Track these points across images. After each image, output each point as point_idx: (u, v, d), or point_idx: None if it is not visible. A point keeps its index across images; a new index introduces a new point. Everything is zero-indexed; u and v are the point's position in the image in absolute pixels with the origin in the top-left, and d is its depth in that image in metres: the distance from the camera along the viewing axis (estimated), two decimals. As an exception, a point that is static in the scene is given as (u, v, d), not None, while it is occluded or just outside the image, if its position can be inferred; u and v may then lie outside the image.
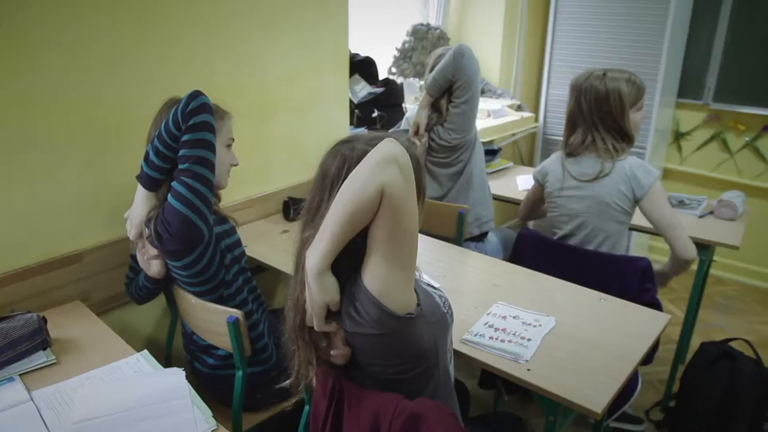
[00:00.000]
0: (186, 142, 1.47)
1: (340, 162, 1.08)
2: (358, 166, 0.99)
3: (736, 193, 2.47)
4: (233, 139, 1.69)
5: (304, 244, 1.09)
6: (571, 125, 2.05)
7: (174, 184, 1.48)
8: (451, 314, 1.24)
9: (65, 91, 1.64)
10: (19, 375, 1.34)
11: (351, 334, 1.09)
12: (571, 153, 2.04)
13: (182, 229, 1.46)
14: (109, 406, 1.22)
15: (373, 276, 1.02)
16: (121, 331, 1.60)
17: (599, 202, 1.98)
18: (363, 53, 2.96)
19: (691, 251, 1.94)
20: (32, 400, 1.26)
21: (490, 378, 2.11)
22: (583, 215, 2.02)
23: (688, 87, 3.59)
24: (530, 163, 3.91)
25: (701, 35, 3.46)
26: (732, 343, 2.25)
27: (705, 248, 2.26)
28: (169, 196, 1.48)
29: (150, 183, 1.53)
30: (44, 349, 1.42)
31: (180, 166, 1.48)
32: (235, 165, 1.70)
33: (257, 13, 2.09)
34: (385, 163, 0.96)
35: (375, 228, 1.00)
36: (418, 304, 1.09)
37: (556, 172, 2.08)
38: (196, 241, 1.51)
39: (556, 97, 3.69)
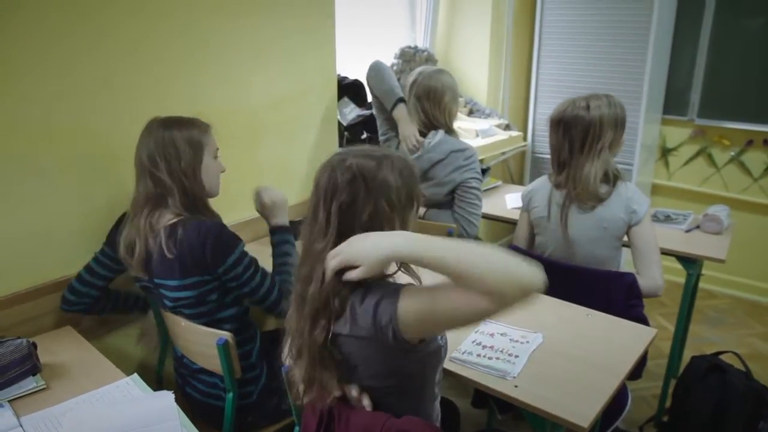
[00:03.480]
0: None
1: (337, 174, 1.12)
2: (508, 269, 0.97)
3: (720, 207, 2.50)
4: (218, 148, 1.70)
5: (318, 256, 1.12)
6: (562, 163, 1.96)
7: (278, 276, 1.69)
8: (446, 347, 1.24)
9: (54, 118, 1.66)
10: (9, 401, 1.34)
11: (346, 338, 1.11)
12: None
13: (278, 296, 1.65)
14: (97, 430, 1.22)
15: (412, 309, 1.05)
16: (112, 355, 1.60)
17: (596, 228, 1.95)
18: (351, 76, 3.00)
19: (662, 280, 1.90)
20: (21, 426, 1.26)
21: (483, 397, 2.11)
22: (576, 243, 1.98)
23: (673, 103, 3.65)
24: (520, 182, 3.95)
25: (684, 53, 3.53)
26: (722, 356, 2.26)
27: (692, 262, 2.28)
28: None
29: None
30: (34, 374, 1.43)
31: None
32: (223, 171, 1.71)
33: (244, 40, 2.13)
34: (527, 289, 0.97)
35: (452, 292, 1.01)
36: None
37: (543, 196, 2.04)
38: None
39: (544, 116, 3.74)
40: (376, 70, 2.45)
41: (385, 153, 1.17)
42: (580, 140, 1.90)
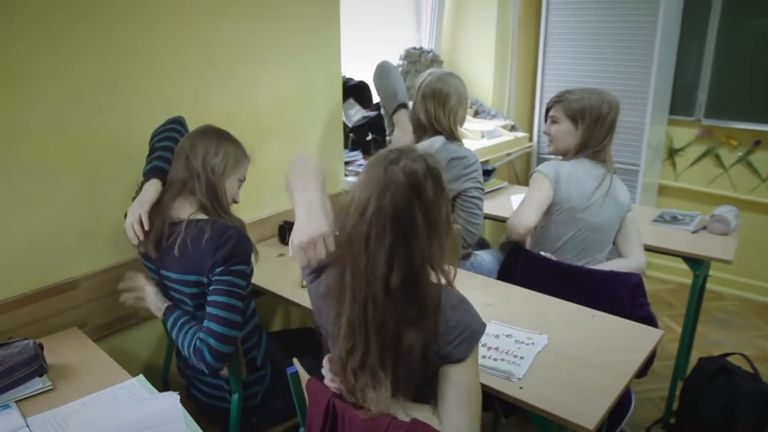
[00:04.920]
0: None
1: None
2: None
3: (728, 207, 2.49)
4: (245, 178, 1.73)
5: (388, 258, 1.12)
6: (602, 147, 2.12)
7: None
8: None
9: (60, 120, 1.67)
10: (15, 402, 1.35)
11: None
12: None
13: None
14: (103, 431, 1.23)
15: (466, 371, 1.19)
16: (118, 356, 1.60)
17: (617, 217, 2.09)
18: (357, 77, 3.00)
19: (645, 261, 2.09)
20: (28, 426, 1.27)
21: (488, 399, 2.10)
22: (601, 229, 2.08)
23: (680, 104, 3.63)
24: (525, 183, 3.94)
25: (690, 54, 3.52)
26: (730, 358, 2.25)
27: (699, 263, 2.27)
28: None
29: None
30: (41, 375, 1.43)
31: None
32: (236, 203, 1.72)
33: (248, 42, 2.13)
34: None
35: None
36: None
37: (582, 181, 2.04)
38: None
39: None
40: (382, 70, 2.45)
41: (412, 147, 1.20)
42: (615, 126, 2.11)
